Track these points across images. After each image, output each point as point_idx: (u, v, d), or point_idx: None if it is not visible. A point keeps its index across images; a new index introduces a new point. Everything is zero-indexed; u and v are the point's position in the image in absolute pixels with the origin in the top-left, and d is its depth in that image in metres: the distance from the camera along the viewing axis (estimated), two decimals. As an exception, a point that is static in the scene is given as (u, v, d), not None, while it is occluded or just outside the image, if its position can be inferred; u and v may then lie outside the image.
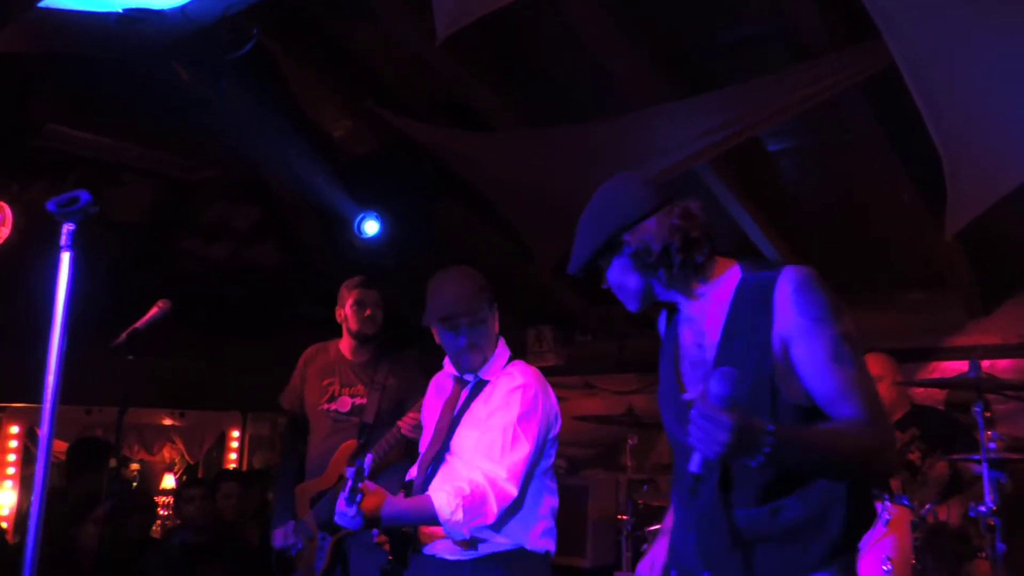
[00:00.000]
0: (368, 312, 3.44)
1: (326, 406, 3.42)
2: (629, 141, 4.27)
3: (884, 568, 3.12)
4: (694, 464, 1.51)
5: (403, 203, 5.23)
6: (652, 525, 4.47)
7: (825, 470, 1.62)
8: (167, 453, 7.04)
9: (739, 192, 4.77)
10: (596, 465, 6.46)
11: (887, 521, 3.17)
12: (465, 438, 2.40)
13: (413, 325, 2.64)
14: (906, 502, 3.33)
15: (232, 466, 7.14)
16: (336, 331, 3.57)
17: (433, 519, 2.18)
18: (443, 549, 2.34)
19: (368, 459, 2.14)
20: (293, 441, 3.58)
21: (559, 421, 2.47)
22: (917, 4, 3.06)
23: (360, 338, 3.46)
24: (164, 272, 5.73)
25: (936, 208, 3.87)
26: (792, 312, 1.64)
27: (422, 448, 2.57)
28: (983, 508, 3.16)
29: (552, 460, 2.47)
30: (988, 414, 3.44)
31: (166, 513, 6.18)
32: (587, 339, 6.75)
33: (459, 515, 2.17)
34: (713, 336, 1.74)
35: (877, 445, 1.61)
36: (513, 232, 5.43)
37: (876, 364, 3.90)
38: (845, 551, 1.67)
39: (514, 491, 2.26)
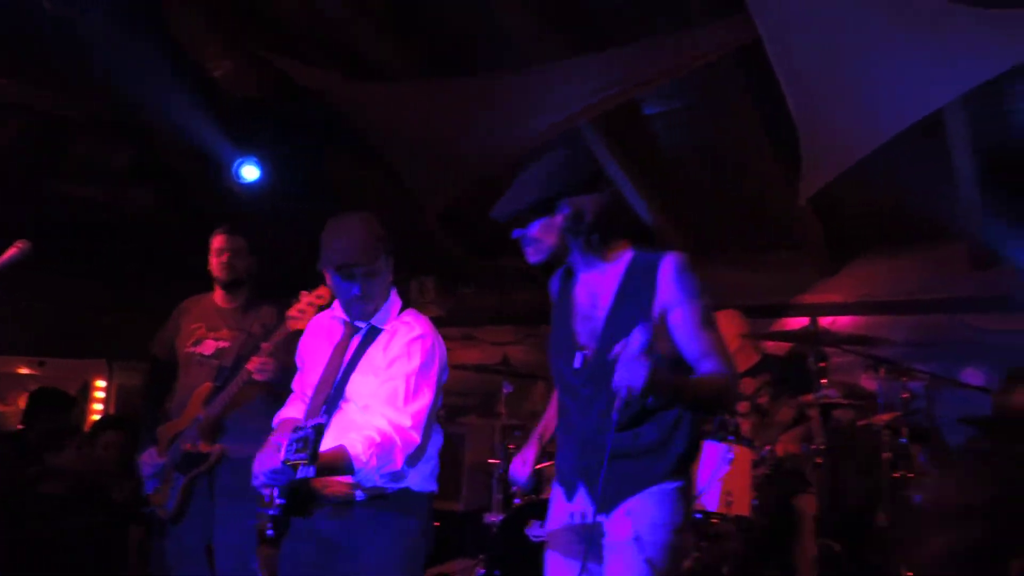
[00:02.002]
0: (225, 258, 3.43)
1: (191, 349, 3.44)
2: (516, 97, 4.37)
3: (726, 501, 3.43)
4: (616, 407, 1.92)
5: (287, 149, 5.13)
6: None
7: (695, 407, 2.12)
8: (22, 403, 6.71)
9: (616, 152, 4.97)
10: (472, 413, 6.64)
11: (730, 460, 3.48)
12: (363, 384, 2.40)
13: (293, 272, 2.64)
14: (747, 443, 3.65)
15: (96, 417, 6.88)
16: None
17: (350, 468, 2.20)
18: (334, 492, 2.35)
19: (308, 431, 2.10)
20: (152, 384, 3.67)
21: (447, 370, 2.53)
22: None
23: (220, 284, 3.48)
24: (29, 212, 5.42)
25: (794, 174, 4.16)
26: (672, 287, 2.08)
27: (307, 390, 2.53)
28: (814, 447, 3.54)
29: (440, 404, 2.53)
30: (823, 364, 3.83)
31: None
32: (469, 291, 6.86)
33: (373, 462, 2.21)
34: (605, 300, 2.16)
35: (731, 392, 2.20)
36: (399, 181, 5.44)
37: (729, 319, 4.22)
38: (686, 465, 2.14)
39: (419, 438, 2.33)
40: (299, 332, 3.00)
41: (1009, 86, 4.02)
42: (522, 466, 2.44)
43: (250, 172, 5.10)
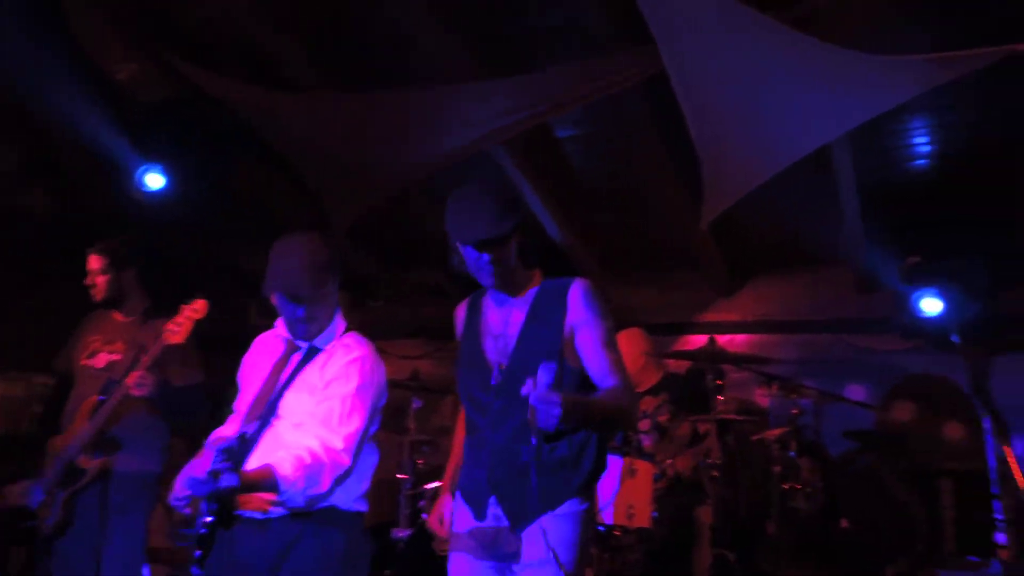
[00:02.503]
0: (88, 281, 3.41)
1: (85, 362, 3.39)
2: (429, 115, 4.40)
3: (628, 514, 3.55)
4: (533, 439, 1.99)
5: (194, 157, 4.99)
6: (430, 483, 4.69)
7: (601, 426, 2.22)
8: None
9: (528, 173, 5.08)
10: (381, 427, 6.60)
11: (633, 473, 3.61)
12: (297, 402, 2.38)
13: (197, 282, 2.59)
14: (648, 458, 3.80)
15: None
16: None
17: (276, 487, 2.18)
18: (255, 508, 2.31)
19: (231, 441, 2.10)
20: (53, 398, 3.62)
21: (386, 393, 2.52)
22: (687, 19, 3.44)
23: (101, 304, 3.46)
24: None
25: (696, 200, 4.35)
26: (581, 309, 2.21)
27: (239, 406, 2.50)
28: (710, 461, 3.71)
29: (377, 427, 2.51)
30: (720, 382, 4.02)
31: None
32: (379, 304, 6.84)
33: (300, 484, 2.19)
34: (517, 318, 2.27)
35: (632, 409, 2.31)
36: (308, 193, 5.39)
37: (633, 337, 4.37)
38: (592, 484, 2.24)
39: (349, 461, 2.31)
40: (178, 346, 3.02)
41: (890, 125, 4.34)
42: (439, 525, 2.48)
43: (154, 180, 4.92)
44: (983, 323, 4.26)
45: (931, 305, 4.42)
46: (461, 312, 2.45)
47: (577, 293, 2.23)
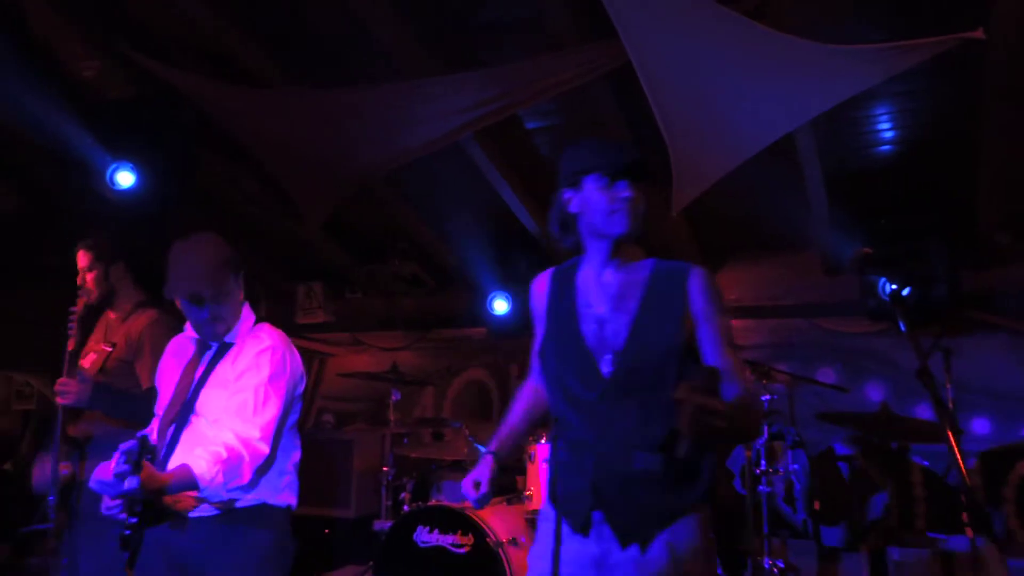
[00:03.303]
0: (78, 280, 3.34)
1: (80, 363, 3.34)
2: (397, 109, 4.40)
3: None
4: (682, 450, 1.66)
5: (160, 153, 4.96)
6: (409, 475, 4.73)
7: (733, 436, 2.02)
8: None
9: (499, 163, 5.10)
10: (362, 420, 6.64)
11: None
12: (212, 398, 2.40)
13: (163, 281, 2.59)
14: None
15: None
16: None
17: (194, 486, 2.19)
18: (184, 507, 2.34)
19: (132, 444, 2.08)
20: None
21: (304, 380, 2.56)
22: (649, 12, 3.46)
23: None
24: None
25: (665, 187, 4.38)
26: (703, 299, 1.96)
27: (158, 410, 2.52)
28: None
29: (297, 417, 2.55)
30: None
31: None
32: (356, 296, 6.85)
33: (219, 479, 2.21)
34: (629, 303, 1.98)
35: (758, 421, 2.10)
36: (280, 188, 5.39)
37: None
38: (708, 497, 1.97)
39: (267, 450, 2.34)
40: (73, 352, 3.06)
41: (852, 113, 4.40)
42: (474, 489, 2.14)
43: (125, 178, 4.90)
44: (941, 305, 4.35)
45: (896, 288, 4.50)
46: (542, 286, 2.17)
47: (699, 281, 1.97)
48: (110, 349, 3.26)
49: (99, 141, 4.91)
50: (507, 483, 4.53)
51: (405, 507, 4.46)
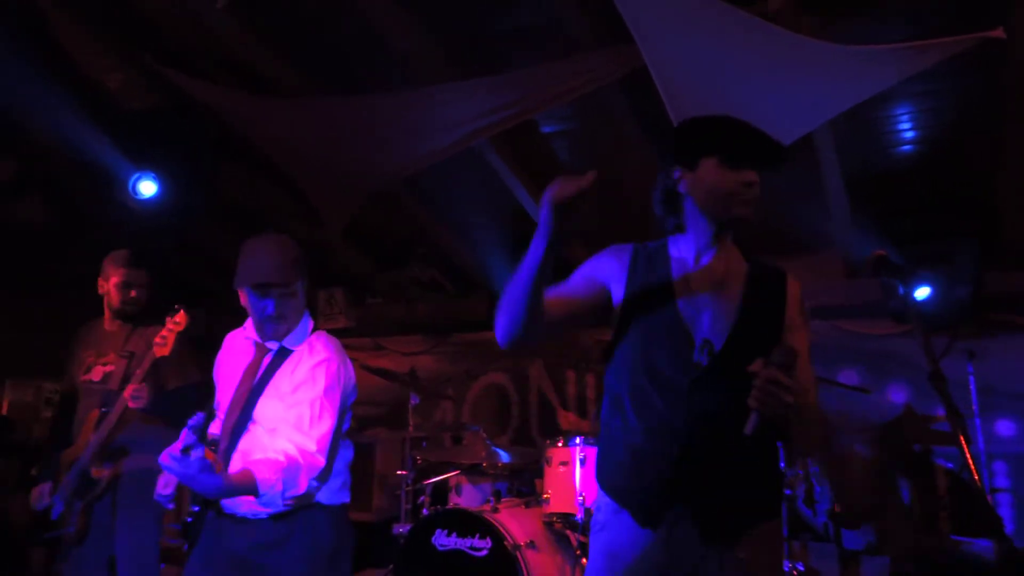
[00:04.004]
0: (133, 293, 3.48)
1: (83, 377, 3.48)
2: (413, 115, 4.44)
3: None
4: (750, 426, 1.67)
5: (182, 163, 5.04)
6: (428, 479, 4.76)
7: (808, 442, 1.92)
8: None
9: (516, 168, 5.12)
10: (382, 424, 6.68)
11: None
12: (270, 408, 2.44)
13: (186, 289, 2.65)
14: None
15: (-11, 436, 6.58)
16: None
17: (255, 491, 2.23)
18: (242, 508, 2.38)
19: (199, 418, 2.15)
20: (59, 413, 3.64)
21: (356, 391, 2.60)
22: (664, 16, 3.46)
23: (121, 316, 3.51)
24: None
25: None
26: (797, 309, 1.95)
27: (220, 411, 2.56)
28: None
29: (348, 425, 2.61)
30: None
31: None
32: (377, 302, 6.90)
33: (279, 487, 2.25)
34: (732, 293, 1.91)
35: (827, 430, 2.03)
36: (300, 195, 5.44)
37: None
38: (782, 498, 1.98)
39: (323, 461, 2.38)
40: (166, 357, 3.12)
41: (872, 113, 4.36)
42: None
43: (147, 187, 4.98)
44: (966, 307, 4.28)
45: (920, 290, 4.45)
46: (623, 259, 2.04)
47: (796, 290, 1.96)
48: (126, 360, 3.35)
49: (121, 151, 5.00)
50: (525, 486, 4.54)
51: (424, 510, 4.49)
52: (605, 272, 2.03)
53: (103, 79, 5.03)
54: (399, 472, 4.99)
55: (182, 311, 3.17)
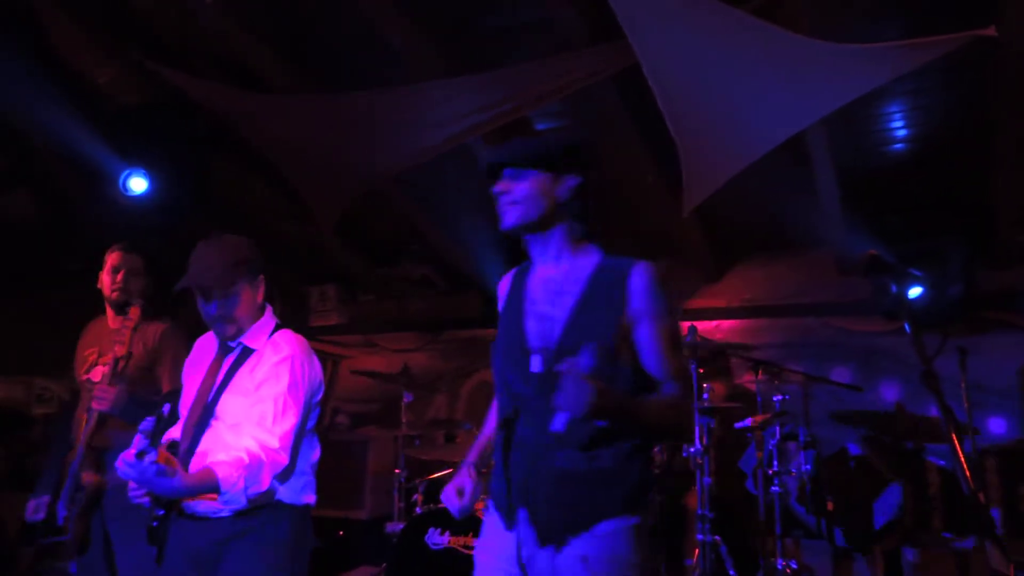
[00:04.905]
0: (120, 277, 3.32)
1: (85, 376, 3.37)
2: (406, 112, 4.42)
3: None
4: (558, 423, 1.74)
5: (173, 159, 5.01)
6: (421, 477, 4.75)
7: (646, 433, 1.92)
8: None
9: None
10: (374, 421, 6.66)
11: None
12: (232, 405, 2.43)
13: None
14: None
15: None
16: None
17: (216, 489, 2.22)
18: (201, 507, 2.38)
19: (149, 421, 2.15)
20: (62, 413, 3.52)
21: (322, 388, 2.60)
22: (657, 13, 3.45)
23: (112, 305, 3.38)
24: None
25: (675, 187, 4.38)
26: (644, 298, 1.91)
27: (183, 409, 2.55)
28: (694, 449, 3.75)
29: (314, 422, 2.58)
30: (701, 370, 4.05)
31: None
32: (369, 298, 6.88)
33: (241, 484, 2.24)
34: (568, 301, 1.94)
35: (687, 421, 2.02)
36: (293, 192, 5.42)
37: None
38: (642, 497, 1.90)
39: (286, 459, 2.38)
40: (133, 356, 3.10)
41: (865, 110, 4.36)
42: (457, 497, 2.05)
43: (138, 184, 4.95)
44: (957, 304, 4.29)
45: (912, 289, 4.45)
46: (504, 285, 2.15)
47: (641, 279, 1.91)
48: (121, 358, 3.28)
49: (112, 147, 4.97)
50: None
51: (417, 509, 4.48)
52: (499, 310, 2.16)
53: (94, 75, 5.00)
54: (395, 471, 4.98)
55: (135, 307, 3.11)
